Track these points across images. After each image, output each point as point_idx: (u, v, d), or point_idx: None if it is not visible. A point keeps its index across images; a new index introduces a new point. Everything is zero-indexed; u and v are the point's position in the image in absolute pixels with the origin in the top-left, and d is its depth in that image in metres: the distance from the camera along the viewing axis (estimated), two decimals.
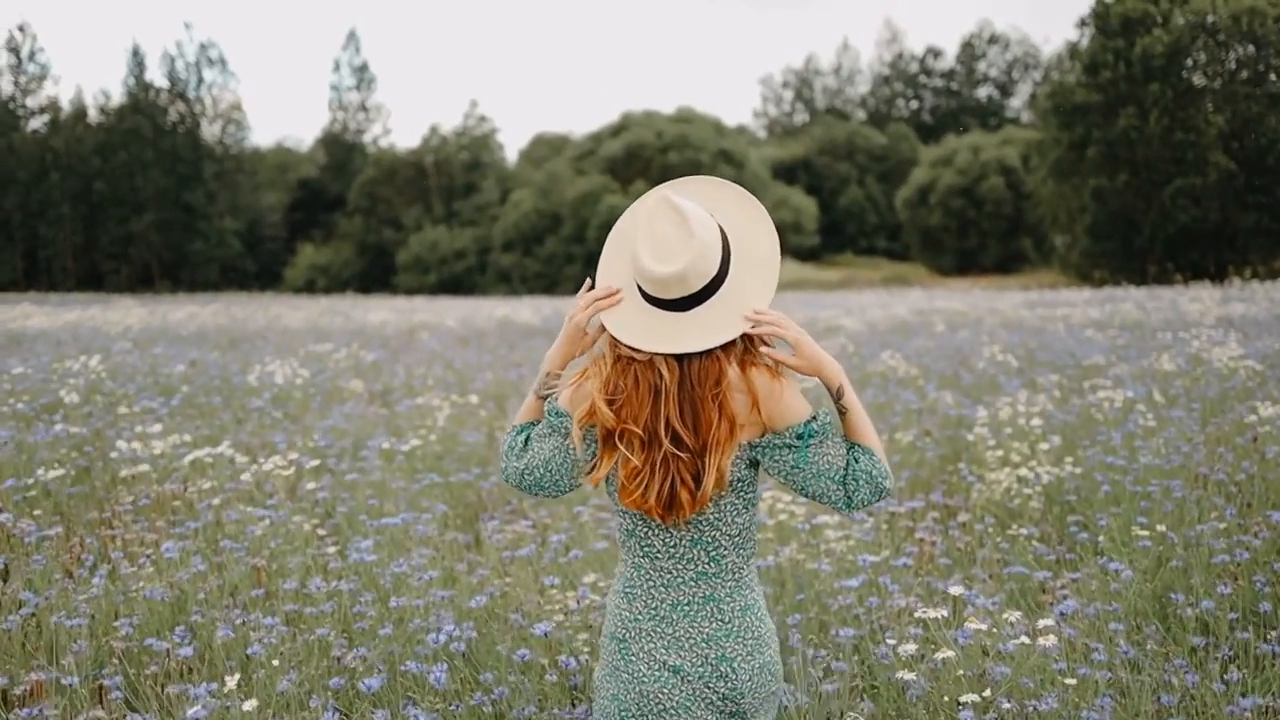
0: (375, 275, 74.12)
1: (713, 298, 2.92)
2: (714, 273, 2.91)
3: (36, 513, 7.17)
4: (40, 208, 75.37)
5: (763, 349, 2.96)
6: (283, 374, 11.55)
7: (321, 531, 6.50)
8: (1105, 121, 55.45)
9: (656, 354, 2.91)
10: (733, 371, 2.94)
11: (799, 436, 2.95)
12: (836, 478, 2.97)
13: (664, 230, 2.88)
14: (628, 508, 2.98)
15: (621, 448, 2.94)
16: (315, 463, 6.91)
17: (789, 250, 75.56)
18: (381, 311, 30.09)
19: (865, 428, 3.04)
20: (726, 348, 2.94)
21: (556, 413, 3.08)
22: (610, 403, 2.94)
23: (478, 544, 7.19)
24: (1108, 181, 55.35)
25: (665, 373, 2.90)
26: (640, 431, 2.92)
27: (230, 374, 13.25)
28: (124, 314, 26.64)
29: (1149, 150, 54.40)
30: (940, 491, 7.85)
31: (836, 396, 3.03)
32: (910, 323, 21.97)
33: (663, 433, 2.90)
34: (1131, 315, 21.83)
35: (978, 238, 75.09)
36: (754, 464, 3.05)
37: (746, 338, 2.98)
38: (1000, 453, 7.99)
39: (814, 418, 2.99)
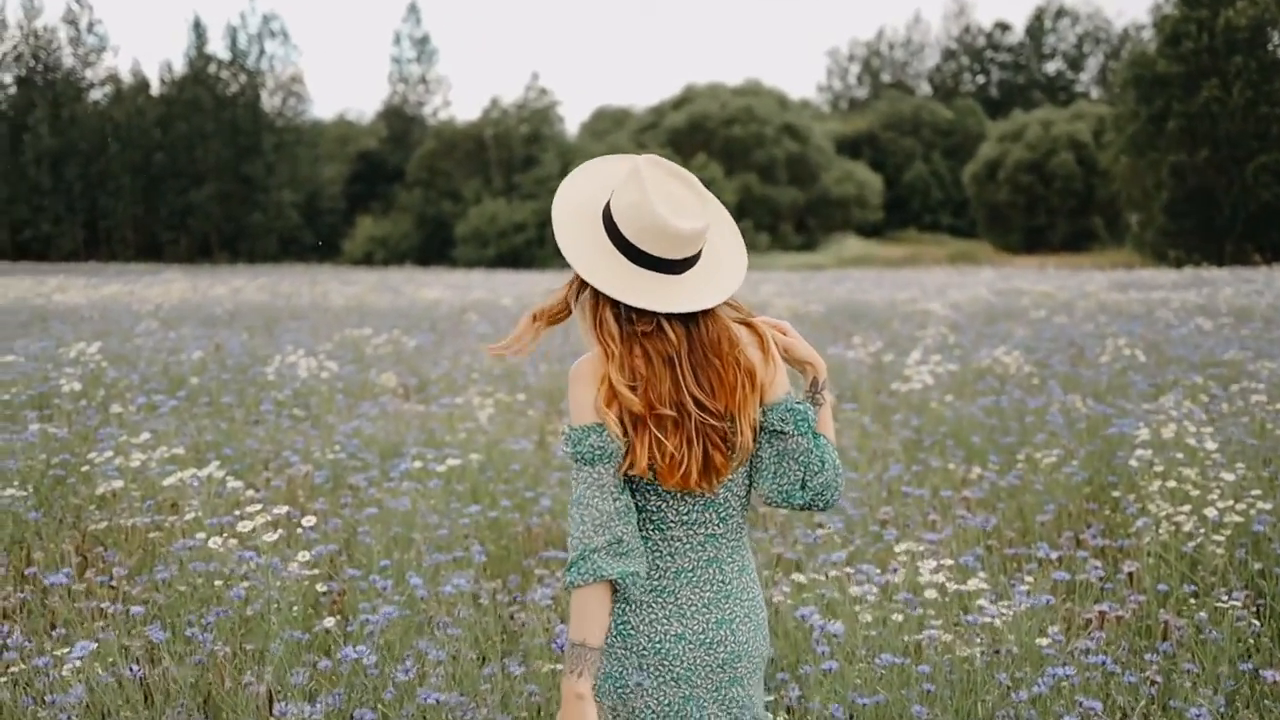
0: (434, 248, 73.23)
1: (700, 261, 2.88)
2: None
3: None
4: (100, 179, 75.57)
5: (765, 326, 2.95)
6: (306, 366, 10.10)
7: (323, 587, 5.07)
8: (1186, 95, 53.28)
9: (667, 315, 2.81)
10: (742, 331, 2.91)
11: (800, 419, 2.88)
12: (801, 460, 2.90)
13: (675, 189, 2.82)
14: (671, 489, 2.86)
15: (655, 432, 2.79)
16: (321, 505, 5.40)
17: (853, 226, 74.40)
18: (435, 288, 28.61)
19: (830, 422, 3.03)
20: (724, 307, 2.91)
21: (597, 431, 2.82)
22: (631, 387, 2.79)
23: (523, 594, 5.73)
24: (1187, 157, 53.20)
25: (674, 338, 2.82)
26: (670, 410, 2.80)
27: (252, 362, 11.82)
28: (163, 289, 25.34)
29: (1231, 125, 52.25)
30: (1095, 530, 6.29)
31: (820, 388, 3.01)
32: (997, 306, 20.28)
33: (689, 404, 2.80)
34: (1235, 301, 20.06)
35: (1046, 215, 73.20)
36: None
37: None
38: (1171, 482, 6.36)
39: (800, 402, 2.93)
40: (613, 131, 77.82)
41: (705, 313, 2.84)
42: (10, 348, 12.35)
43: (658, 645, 2.87)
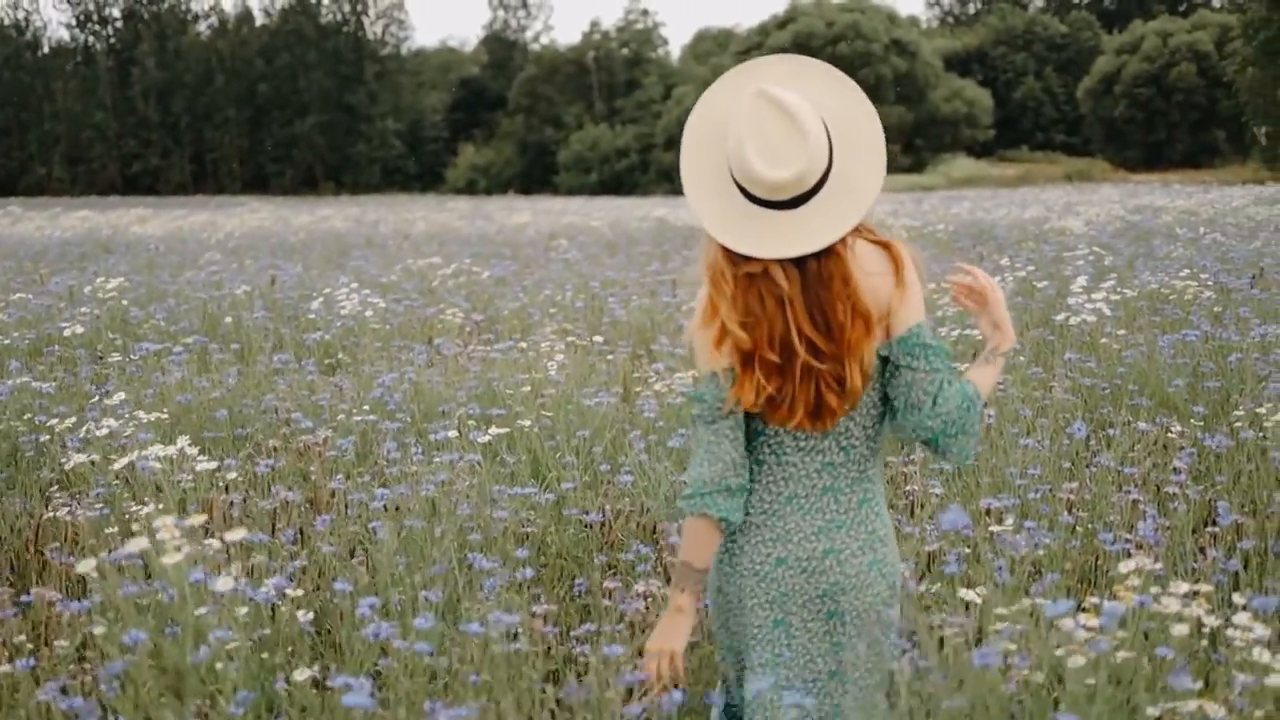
0: (536, 175, 72.59)
1: (823, 190, 2.72)
2: (824, 167, 2.73)
3: None
4: (207, 111, 76.35)
5: (958, 295, 2.94)
6: (352, 303, 8.64)
7: (306, 615, 3.62)
8: None
9: (771, 260, 2.71)
10: (868, 253, 2.77)
11: (931, 354, 2.76)
12: (931, 390, 2.77)
13: (772, 131, 2.67)
14: (778, 426, 2.82)
15: (759, 373, 2.74)
16: (339, 483, 3.94)
17: (962, 145, 72.35)
18: (526, 214, 27.15)
19: (991, 383, 2.90)
20: (843, 239, 2.75)
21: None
22: (743, 325, 2.74)
23: (592, 618, 4.25)
24: None
25: (783, 281, 2.72)
26: (775, 355, 2.74)
27: (302, 297, 10.39)
28: (240, 220, 24.15)
29: None
30: None
31: (994, 358, 2.91)
32: (1139, 224, 18.31)
33: (797, 343, 2.72)
34: None
35: (1166, 130, 70.63)
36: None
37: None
38: None
39: (937, 339, 2.78)
40: (716, 53, 76.41)
41: (823, 250, 2.72)
42: (47, 284, 11.11)
43: (758, 567, 2.87)
